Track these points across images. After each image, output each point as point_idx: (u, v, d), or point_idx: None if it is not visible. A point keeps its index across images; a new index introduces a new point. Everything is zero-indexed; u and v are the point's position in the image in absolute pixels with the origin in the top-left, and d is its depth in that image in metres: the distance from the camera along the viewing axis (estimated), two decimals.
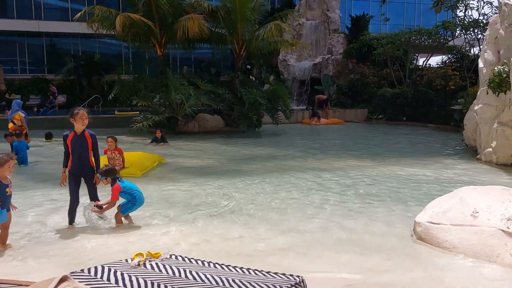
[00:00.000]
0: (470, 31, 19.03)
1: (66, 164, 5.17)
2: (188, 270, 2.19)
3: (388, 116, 21.10)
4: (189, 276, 2.13)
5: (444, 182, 7.80)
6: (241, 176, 8.31)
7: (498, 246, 4.05)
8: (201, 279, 2.07)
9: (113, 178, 5.18)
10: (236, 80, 16.97)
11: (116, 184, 5.14)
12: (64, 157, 5.16)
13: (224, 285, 1.97)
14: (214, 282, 2.03)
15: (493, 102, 9.65)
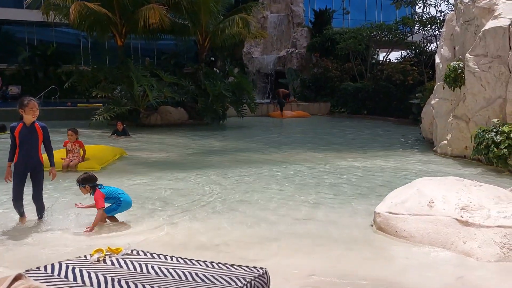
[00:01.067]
0: (428, 27, 19.71)
1: (12, 157, 4.75)
2: (150, 265, 2.15)
3: (350, 110, 21.58)
4: (151, 271, 2.09)
5: (403, 173, 8.08)
6: (205, 169, 8.25)
7: (452, 234, 4.23)
8: (164, 274, 2.04)
9: (92, 186, 4.82)
10: (200, 72, 16.79)
11: (97, 191, 4.78)
12: (11, 150, 4.75)
13: (188, 279, 1.95)
14: (177, 276, 2.00)
15: (449, 97, 10.05)
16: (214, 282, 1.79)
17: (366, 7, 37.59)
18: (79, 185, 4.87)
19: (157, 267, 2.08)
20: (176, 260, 2.22)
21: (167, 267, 2.07)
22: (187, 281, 1.90)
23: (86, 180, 4.85)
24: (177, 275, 2.00)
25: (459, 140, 9.51)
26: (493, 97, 8.48)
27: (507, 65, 8.13)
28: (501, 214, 4.16)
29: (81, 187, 4.87)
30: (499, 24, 8.26)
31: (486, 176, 7.59)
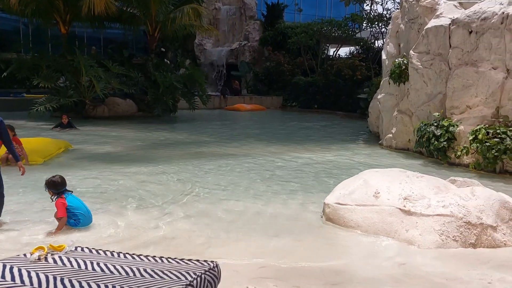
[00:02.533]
0: (375, 24, 20.42)
1: None
2: (95, 262, 2.06)
3: (301, 104, 21.94)
4: (96, 268, 2.01)
5: (350, 165, 8.34)
6: (154, 163, 8.08)
7: (395, 223, 4.43)
8: (110, 271, 1.96)
9: (56, 193, 4.50)
10: (150, 63, 16.34)
11: (59, 199, 4.46)
12: None
13: (135, 276, 1.89)
14: (125, 273, 1.94)
15: (394, 92, 10.49)
16: (163, 277, 1.75)
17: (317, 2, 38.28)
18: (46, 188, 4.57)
19: (102, 264, 2.00)
20: (123, 256, 2.14)
21: (113, 264, 2.00)
22: (135, 278, 1.85)
23: (50, 185, 4.53)
24: (124, 271, 1.93)
25: (403, 134, 9.96)
26: (434, 92, 8.94)
27: (447, 63, 8.59)
28: (440, 203, 4.41)
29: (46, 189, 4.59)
30: (441, 23, 8.70)
31: (427, 168, 8.02)
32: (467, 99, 8.11)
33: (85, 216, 4.57)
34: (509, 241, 4.18)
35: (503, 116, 7.50)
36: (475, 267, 3.63)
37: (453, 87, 8.36)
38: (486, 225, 4.18)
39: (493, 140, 7.30)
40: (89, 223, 4.62)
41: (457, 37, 8.30)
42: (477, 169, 7.70)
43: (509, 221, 4.40)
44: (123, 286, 1.74)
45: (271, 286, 3.23)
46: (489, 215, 4.27)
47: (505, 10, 7.55)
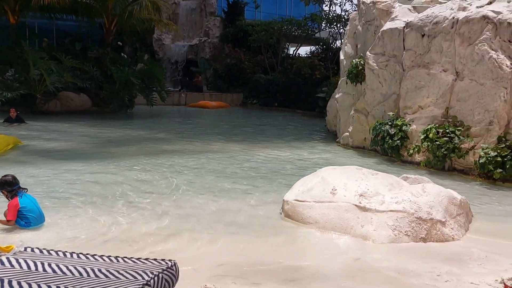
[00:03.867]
0: (334, 25, 20.83)
1: None
2: (47, 263, 1.97)
3: (262, 102, 22.03)
4: (48, 269, 1.92)
5: (309, 163, 8.48)
6: (109, 160, 7.85)
7: (351, 219, 4.55)
8: (63, 272, 1.88)
9: (10, 191, 4.25)
10: (106, 57, 15.81)
11: (12, 201, 4.22)
12: None
13: (90, 276, 1.83)
14: (78, 273, 1.87)
15: (351, 91, 10.76)
16: (118, 277, 1.70)
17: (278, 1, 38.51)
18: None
19: (54, 265, 1.91)
20: (76, 256, 2.07)
21: (66, 264, 1.92)
22: (89, 278, 1.78)
23: (1, 186, 4.30)
24: (78, 272, 1.86)
25: (359, 132, 10.25)
26: (389, 93, 9.26)
27: (401, 64, 8.92)
28: (393, 200, 4.58)
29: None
30: (395, 26, 9.01)
31: (381, 165, 8.29)
32: (419, 100, 8.46)
33: (36, 219, 4.37)
34: (457, 236, 4.41)
35: (452, 116, 7.88)
36: (425, 261, 3.79)
37: (406, 88, 8.69)
38: (436, 220, 4.39)
39: (442, 139, 7.66)
40: (41, 224, 4.42)
41: (410, 39, 8.63)
42: (427, 166, 8.06)
43: (456, 217, 4.64)
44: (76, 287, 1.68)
45: (230, 284, 3.23)
46: (438, 210, 4.49)
47: (455, 15, 7.93)
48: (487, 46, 7.32)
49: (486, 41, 7.34)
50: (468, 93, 7.64)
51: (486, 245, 4.24)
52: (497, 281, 3.30)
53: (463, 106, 7.74)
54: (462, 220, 4.67)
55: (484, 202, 5.96)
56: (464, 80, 7.72)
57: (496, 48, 7.23)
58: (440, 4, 8.74)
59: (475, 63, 7.49)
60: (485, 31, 7.39)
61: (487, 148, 7.09)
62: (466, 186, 6.84)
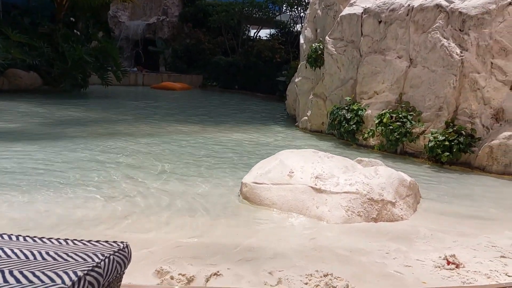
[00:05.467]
0: (295, 8, 20.86)
1: None
2: None
3: (222, 84, 21.85)
4: None
5: (268, 146, 8.56)
6: (60, 142, 7.55)
7: (307, 200, 4.65)
8: (7, 255, 1.80)
9: None
10: (58, 33, 15.01)
11: None
12: None
13: (36, 259, 1.75)
14: (24, 256, 1.79)
15: (310, 76, 10.88)
16: (67, 260, 1.65)
17: None
18: None
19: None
20: (23, 239, 1.98)
21: (11, 247, 1.83)
22: (35, 261, 1.72)
23: None
24: (24, 255, 1.79)
25: (317, 116, 10.42)
26: (346, 78, 9.44)
27: (358, 50, 9.10)
28: (347, 182, 4.72)
29: None
30: (354, 12, 9.15)
31: (337, 149, 8.50)
32: (374, 85, 8.69)
33: None
34: (405, 216, 4.62)
35: (405, 102, 8.18)
36: (375, 240, 3.96)
37: (363, 73, 8.89)
38: (387, 201, 4.57)
39: (395, 123, 7.94)
40: None
41: (368, 26, 8.80)
42: (381, 150, 8.35)
43: (406, 198, 4.86)
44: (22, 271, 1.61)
45: (186, 265, 3.22)
46: (389, 192, 4.68)
47: (411, 2, 8.15)
48: (439, 34, 7.60)
49: (439, 29, 7.62)
50: (421, 79, 7.94)
51: (432, 224, 4.48)
52: (441, 258, 3.50)
53: (415, 92, 8.03)
54: (411, 201, 4.90)
55: (432, 184, 6.27)
56: (417, 67, 8.00)
57: (448, 36, 7.52)
58: None
59: (428, 51, 7.77)
60: (438, 19, 7.65)
61: (436, 133, 7.43)
62: (416, 169, 7.16)
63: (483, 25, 7.10)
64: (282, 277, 3.07)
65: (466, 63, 7.29)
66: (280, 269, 3.21)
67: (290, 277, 3.08)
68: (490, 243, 3.95)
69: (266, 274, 3.12)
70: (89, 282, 1.51)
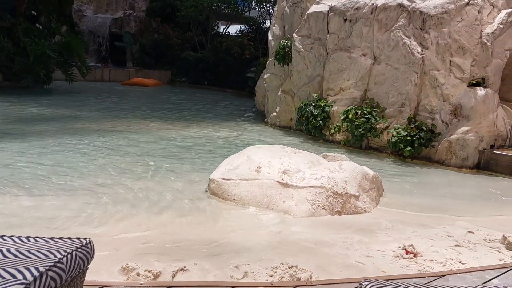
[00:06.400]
0: (263, 5, 20.91)
1: None
2: None
3: (191, 80, 21.65)
4: None
5: (237, 142, 8.60)
6: (24, 139, 7.34)
7: (274, 195, 4.74)
8: None
9: None
10: (19, 27, 14.46)
11: None
12: None
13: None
14: None
15: (278, 72, 10.98)
16: (29, 257, 1.65)
17: None
18: None
19: None
20: None
21: None
22: None
23: None
24: None
25: (286, 113, 10.55)
26: (314, 74, 9.60)
27: (325, 47, 9.26)
28: (313, 176, 4.84)
29: None
30: (320, 9, 9.30)
31: (305, 144, 8.66)
32: (340, 82, 8.89)
33: None
34: (368, 208, 4.79)
35: (369, 98, 8.41)
36: (339, 232, 4.09)
37: (329, 71, 9.07)
38: (350, 195, 4.73)
39: (360, 119, 8.16)
40: None
41: (334, 23, 8.97)
42: (347, 145, 8.56)
43: (369, 191, 5.03)
44: None
45: (152, 262, 3.24)
46: (353, 185, 4.83)
47: (375, 2, 8.37)
48: (401, 33, 7.85)
49: (401, 28, 7.87)
50: (384, 76, 8.18)
51: (393, 216, 4.67)
52: (400, 248, 3.66)
53: (379, 89, 8.28)
54: (373, 194, 5.08)
55: (395, 177, 6.50)
56: (381, 64, 8.24)
57: (410, 35, 7.78)
58: None
59: (391, 49, 8.01)
60: (400, 18, 7.91)
61: (398, 128, 7.69)
62: (380, 163, 7.40)
63: (442, 25, 7.40)
64: (248, 271, 3.14)
65: (427, 61, 7.57)
66: (246, 262, 3.27)
67: (256, 270, 3.15)
68: (446, 233, 4.17)
69: (232, 268, 3.18)
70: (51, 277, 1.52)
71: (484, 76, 7.34)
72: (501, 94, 7.73)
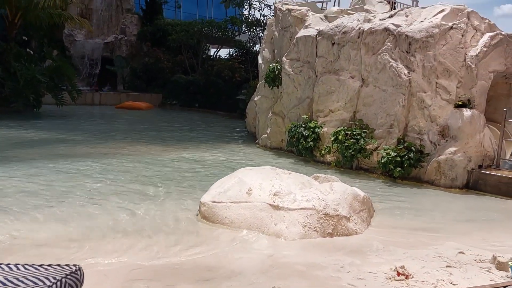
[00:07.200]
0: (253, 29, 21.28)
1: None
2: None
3: (182, 102, 21.74)
4: None
5: (228, 164, 8.60)
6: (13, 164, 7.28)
7: (266, 218, 4.73)
8: None
9: None
10: (10, 52, 14.49)
11: None
12: None
13: None
14: None
15: (269, 95, 11.11)
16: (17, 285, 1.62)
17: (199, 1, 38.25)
18: None
19: None
20: None
21: None
22: None
23: None
24: None
25: (276, 134, 10.62)
26: (303, 96, 9.72)
27: (314, 70, 9.42)
28: (304, 198, 4.85)
29: None
30: (309, 34, 9.50)
31: (296, 165, 8.69)
32: (330, 104, 9.01)
33: None
34: (359, 230, 4.80)
35: (359, 119, 8.52)
36: (331, 254, 4.09)
37: (318, 93, 9.20)
38: (341, 216, 4.74)
39: (350, 140, 8.24)
40: None
41: (322, 47, 9.15)
42: (337, 166, 8.62)
43: (360, 212, 5.05)
44: None
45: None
46: (344, 207, 4.85)
47: (361, 26, 8.58)
48: (388, 56, 8.03)
49: (388, 51, 8.06)
50: (373, 98, 8.32)
51: (384, 237, 4.68)
52: (391, 269, 3.67)
53: (368, 110, 8.40)
54: (364, 215, 5.09)
55: (385, 198, 6.54)
56: (369, 86, 8.39)
57: (396, 58, 7.96)
58: (349, 15, 9.39)
59: (378, 71, 8.18)
60: (386, 42, 8.10)
61: (388, 149, 7.77)
62: (370, 184, 7.44)
63: (427, 48, 7.59)
64: None
65: (414, 83, 7.73)
66: (237, 287, 3.25)
67: None
68: (437, 254, 4.18)
69: None
70: None
71: (470, 98, 7.50)
72: (487, 115, 7.89)
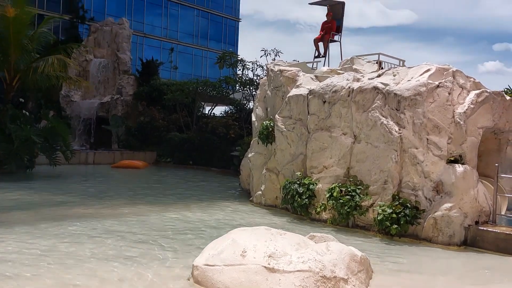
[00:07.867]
0: (247, 88, 21.86)
1: None
2: None
3: (176, 160, 21.77)
4: None
5: (221, 224, 8.44)
6: (4, 228, 7.09)
7: (261, 281, 4.56)
8: None
9: None
10: (6, 114, 14.63)
11: None
12: None
13: None
14: None
15: (263, 151, 11.17)
16: None
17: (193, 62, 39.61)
18: None
19: None
20: None
21: None
22: None
23: None
24: None
25: (271, 191, 10.54)
26: (297, 153, 9.78)
27: (306, 127, 9.56)
28: (300, 259, 4.71)
29: None
30: (300, 93, 9.76)
31: (292, 224, 8.54)
32: (323, 160, 9.05)
33: None
34: None
35: (353, 176, 8.52)
36: None
37: (311, 149, 9.27)
38: (339, 278, 4.58)
39: (345, 197, 8.18)
40: None
41: (313, 105, 9.36)
42: (334, 224, 8.48)
43: (357, 273, 4.89)
44: None
45: None
46: (341, 268, 4.70)
47: (351, 85, 8.84)
48: (378, 113, 8.20)
49: (378, 109, 8.24)
50: (365, 154, 8.38)
51: None
52: None
53: (361, 167, 8.42)
54: (362, 276, 4.93)
55: (383, 258, 6.37)
56: (361, 143, 8.48)
57: (386, 115, 8.12)
58: (338, 75, 9.70)
59: (370, 128, 8.31)
60: (376, 100, 8.31)
61: (383, 206, 7.70)
62: (368, 242, 7.28)
63: (416, 105, 7.78)
64: None
65: (405, 139, 7.83)
66: None
67: None
68: None
69: None
70: None
71: (461, 153, 7.58)
72: (480, 170, 7.94)
